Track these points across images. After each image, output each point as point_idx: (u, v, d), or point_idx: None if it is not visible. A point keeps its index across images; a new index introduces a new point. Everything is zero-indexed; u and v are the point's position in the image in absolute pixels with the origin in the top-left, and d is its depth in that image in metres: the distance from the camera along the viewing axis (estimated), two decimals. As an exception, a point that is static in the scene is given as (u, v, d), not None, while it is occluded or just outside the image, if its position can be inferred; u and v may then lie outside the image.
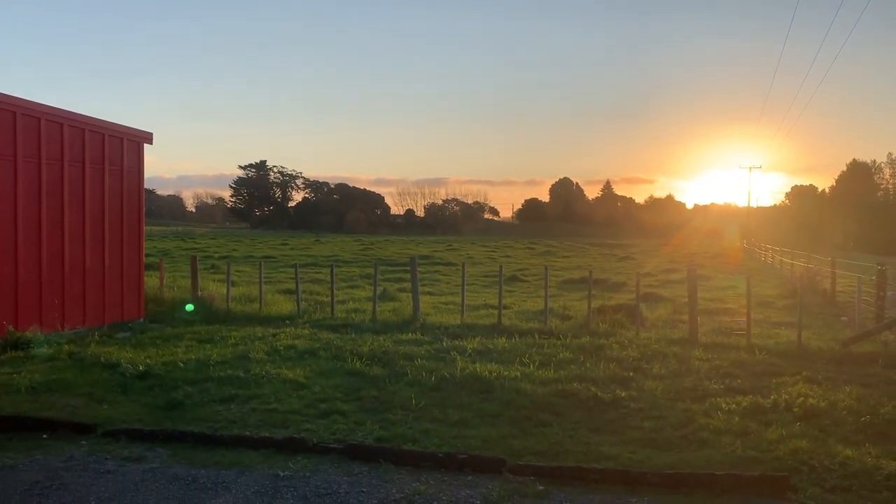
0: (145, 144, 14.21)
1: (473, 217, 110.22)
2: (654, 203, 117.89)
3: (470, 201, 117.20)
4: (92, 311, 12.70)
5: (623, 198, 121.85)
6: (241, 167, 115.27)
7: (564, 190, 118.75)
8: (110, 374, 8.89)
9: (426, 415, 7.56)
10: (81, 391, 8.17)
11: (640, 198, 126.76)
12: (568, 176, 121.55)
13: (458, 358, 9.81)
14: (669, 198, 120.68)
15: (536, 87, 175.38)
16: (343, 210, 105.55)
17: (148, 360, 9.51)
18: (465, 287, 14.75)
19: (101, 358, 9.55)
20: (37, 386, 8.23)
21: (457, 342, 11.09)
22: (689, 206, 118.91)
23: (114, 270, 13.23)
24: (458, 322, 13.37)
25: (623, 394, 8.22)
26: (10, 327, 10.82)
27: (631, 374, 9.21)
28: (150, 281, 16.35)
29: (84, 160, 12.58)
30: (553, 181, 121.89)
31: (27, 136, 11.44)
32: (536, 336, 11.70)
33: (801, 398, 7.93)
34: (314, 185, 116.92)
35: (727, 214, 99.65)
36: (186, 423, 7.15)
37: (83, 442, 6.66)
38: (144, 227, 14.38)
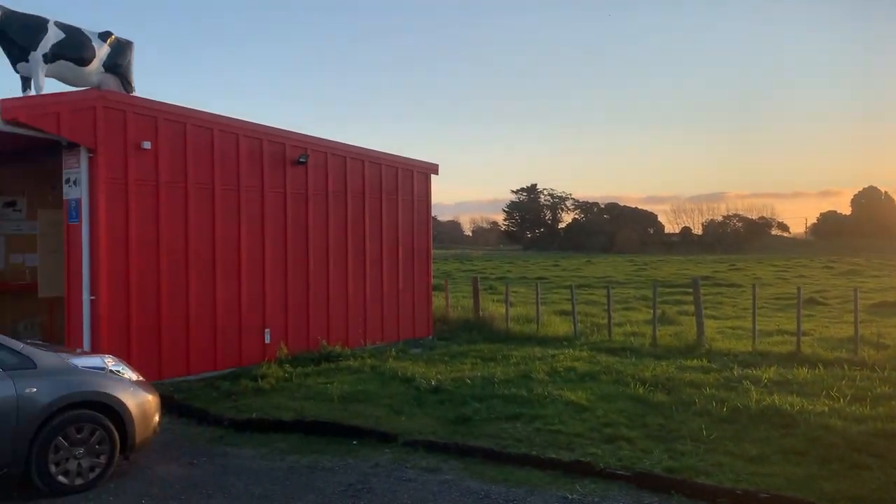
0: (432, 175, 15.32)
1: (758, 234, 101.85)
2: None
3: (754, 216, 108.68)
4: (388, 328, 13.91)
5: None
6: (513, 191, 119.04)
7: (869, 200, 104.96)
8: (406, 388, 9.61)
9: (718, 447, 7.09)
10: (382, 402, 8.94)
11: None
12: (873, 184, 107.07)
13: (752, 388, 9.06)
14: None
15: (824, 85, 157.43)
16: (613, 230, 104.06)
17: (438, 376, 10.13)
18: (756, 311, 13.63)
19: (399, 372, 10.38)
20: (346, 395, 9.18)
21: (749, 371, 10.27)
22: None
23: (407, 291, 14.39)
24: (749, 349, 12.39)
25: (965, 439, 6.96)
26: (323, 342, 12.24)
27: (974, 415, 7.78)
28: (436, 301, 17.46)
29: (381, 192, 13.90)
30: (854, 191, 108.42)
31: (336, 174, 12.94)
32: (845, 367, 10.42)
33: None
34: (584, 206, 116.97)
35: None
36: (475, 438, 7.46)
37: (386, 450, 7.25)
38: (432, 252, 15.45)
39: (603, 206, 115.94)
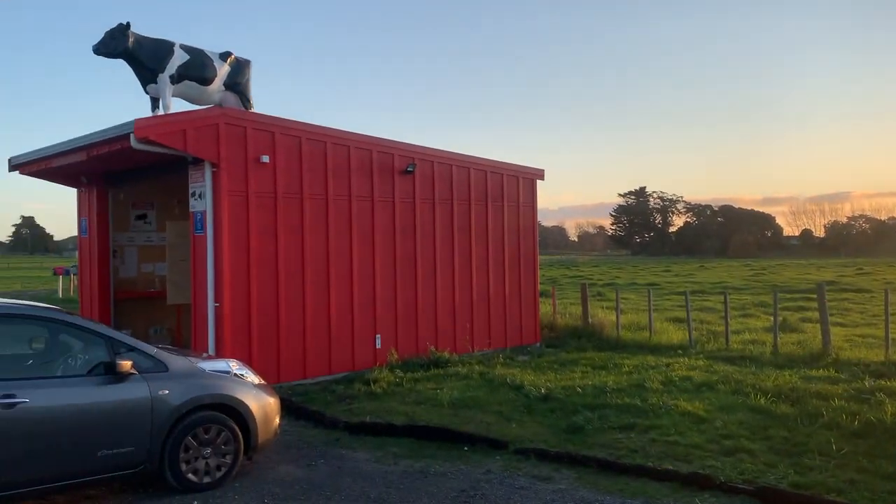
0: (537, 180, 15.23)
1: (888, 235, 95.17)
2: None
3: (883, 217, 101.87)
4: (496, 335, 13.91)
5: None
6: (620, 195, 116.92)
7: None
8: (516, 395, 9.56)
9: (850, 463, 6.66)
10: (492, 409, 8.93)
11: None
12: None
13: (887, 401, 8.44)
14: None
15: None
16: (728, 233, 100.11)
17: (548, 384, 10.02)
18: (889, 317, 12.71)
19: (507, 379, 10.34)
20: (456, 401, 9.22)
21: (882, 382, 9.58)
22: None
23: (513, 298, 14.34)
24: (882, 359, 11.59)
25: None
26: (432, 348, 12.38)
27: None
28: (543, 307, 17.30)
29: (486, 199, 13.94)
30: None
31: (442, 182, 13.09)
32: None
33: None
34: (696, 209, 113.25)
35: None
36: (588, 448, 7.34)
37: (497, 457, 7.24)
38: (539, 258, 15.34)
39: (716, 208, 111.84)
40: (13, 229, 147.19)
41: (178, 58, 10.35)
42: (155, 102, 10.41)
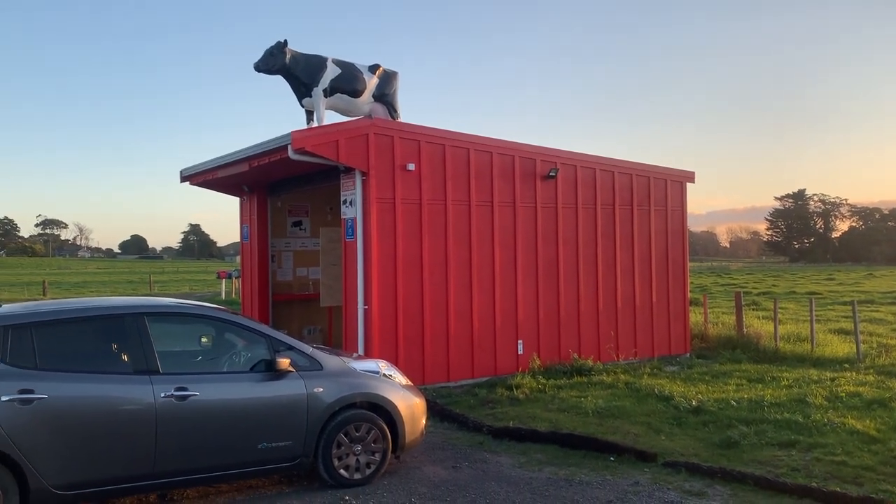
0: (687, 184, 14.63)
1: None
2: None
3: None
4: (642, 343, 13.47)
5: None
6: (776, 198, 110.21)
7: None
8: (664, 406, 9.22)
9: None
10: (639, 420, 8.66)
11: None
12: None
13: None
14: None
15: None
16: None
17: (699, 396, 9.59)
18: None
19: (655, 389, 9.99)
20: (601, 410, 9.03)
21: None
22: None
23: (661, 305, 13.84)
24: None
25: None
26: (575, 355, 12.18)
27: None
28: (693, 316, 16.58)
29: (632, 203, 13.56)
30: None
31: (585, 186, 12.87)
32: None
33: None
34: (862, 213, 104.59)
35: None
36: (744, 464, 6.95)
37: (645, 469, 7.00)
38: (689, 264, 14.72)
39: (886, 211, 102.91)
40: (182, 236, 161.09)
41: (331, 72, 10.85)
42: (309, 115, 10.97)
